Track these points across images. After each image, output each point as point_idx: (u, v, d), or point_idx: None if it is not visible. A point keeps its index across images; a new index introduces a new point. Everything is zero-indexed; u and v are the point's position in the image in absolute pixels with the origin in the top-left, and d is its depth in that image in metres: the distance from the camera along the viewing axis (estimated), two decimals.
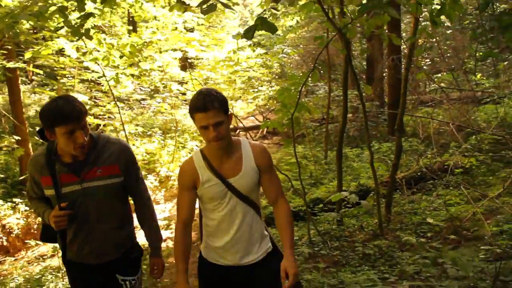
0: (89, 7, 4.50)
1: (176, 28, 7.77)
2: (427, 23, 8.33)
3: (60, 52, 7.60)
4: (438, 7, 3.29)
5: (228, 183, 2.24)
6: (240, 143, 2.31)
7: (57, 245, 2.54)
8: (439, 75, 12.43)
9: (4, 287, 4.96)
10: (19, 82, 8.86)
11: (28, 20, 3.21)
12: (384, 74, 10.92)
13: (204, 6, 2.42)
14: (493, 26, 3.08)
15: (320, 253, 4.66)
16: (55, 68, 10.15)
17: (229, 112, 2.20)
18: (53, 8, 3.13)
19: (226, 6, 2.38)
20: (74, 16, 4.30)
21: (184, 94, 11.20)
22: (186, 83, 10.57)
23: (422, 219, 5.00)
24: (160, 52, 8.42)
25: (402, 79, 4.86)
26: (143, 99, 12.96)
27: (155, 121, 12.81)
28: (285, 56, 13.50)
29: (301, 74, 14.78)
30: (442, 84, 11.66)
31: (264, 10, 4.39)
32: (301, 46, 15.26)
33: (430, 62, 12.68)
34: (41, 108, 2.20)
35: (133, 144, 9.72)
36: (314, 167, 8.64)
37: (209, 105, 2.08)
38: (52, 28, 5.45)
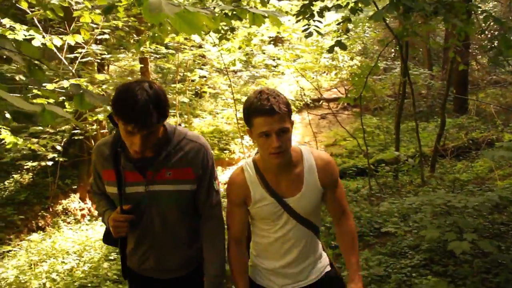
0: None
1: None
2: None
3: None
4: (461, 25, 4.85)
5: (285, 204, 1.92)
6: (301, 154, 1.96)
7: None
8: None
9: None
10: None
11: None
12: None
13: (306, 33, 4.28)
14: None
15: (376, 195, 6.47)
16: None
17: (292, 120, 1.85)
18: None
19: (319, 33, 4.19)
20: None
21: (275, 67, 13.15)
22: (279, 58, 12.44)
23: (455, 177, 6.60)
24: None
25: (448, 69, 6.40)
26: (240, 70, 15.08)
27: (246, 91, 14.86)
28: (367, 36, 14.86)
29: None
30: None
31: (340, 34, 5.96)
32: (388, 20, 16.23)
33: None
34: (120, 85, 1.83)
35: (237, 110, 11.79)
36: (384, 136, 10.34)
37: (275, 107, 1.74)
38: None
